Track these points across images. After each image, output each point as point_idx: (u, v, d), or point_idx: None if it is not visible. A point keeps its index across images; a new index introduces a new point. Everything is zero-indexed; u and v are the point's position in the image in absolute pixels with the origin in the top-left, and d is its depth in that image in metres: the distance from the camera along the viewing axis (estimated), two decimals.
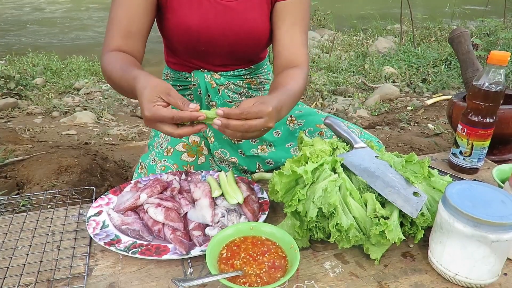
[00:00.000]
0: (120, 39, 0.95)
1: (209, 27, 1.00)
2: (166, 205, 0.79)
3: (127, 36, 0.95)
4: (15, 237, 0.78)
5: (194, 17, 0.99)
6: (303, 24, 1.04)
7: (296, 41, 1.02)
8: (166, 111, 0.72)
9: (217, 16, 1.00)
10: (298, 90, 0.92)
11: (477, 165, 1.03)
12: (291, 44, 1.02)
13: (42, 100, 3.51)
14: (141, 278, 0.67)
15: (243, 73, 1.16)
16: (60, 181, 1.73)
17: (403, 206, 0.69)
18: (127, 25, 0.95)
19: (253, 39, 1.05)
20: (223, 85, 1.14)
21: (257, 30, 1.04)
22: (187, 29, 1.00)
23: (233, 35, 1.02)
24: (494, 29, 4.78)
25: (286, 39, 1.02)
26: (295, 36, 1.02)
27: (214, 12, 1.00)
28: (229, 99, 1.16)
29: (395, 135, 2.56)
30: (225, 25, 1.01)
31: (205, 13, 0.99)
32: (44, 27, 7.78)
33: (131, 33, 0.95)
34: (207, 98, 1.14)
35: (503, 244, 0.60)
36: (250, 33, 1.03)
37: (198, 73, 1.12)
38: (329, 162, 0.77)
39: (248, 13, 1.02)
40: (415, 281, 0.67)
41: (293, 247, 0.65)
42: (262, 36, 1.05)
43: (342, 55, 4.95)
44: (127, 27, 0.95)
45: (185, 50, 1.08)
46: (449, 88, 3.60)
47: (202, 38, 1.01)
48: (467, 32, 1.32)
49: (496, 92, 0.93)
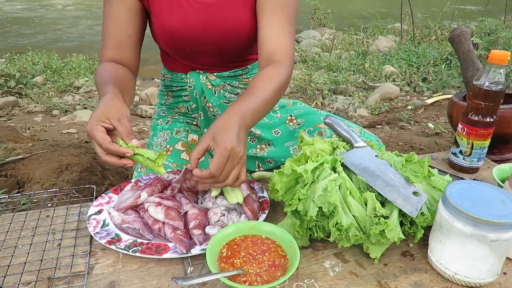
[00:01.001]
0: (112, 49, 0.97)
1: (190, 27, 0.99)
2: (167, 204, 0.79)
3: (118, 46, 0.97)
4: (16, 236, 0.78)
5: (175, 19, 0.98)
6: (285, 13, 0.95)
7: (276, 31, 0.94)
8: (100, 136, 0.72)
9: (198, 16, 0.98)
10: (272, 92, 0.86)
11: (477, 164, 1.03)
12: (271, 35, 0.94)
13: (42, 98, 3.51)
14: (142, 277, 0.67)
15: (239, 73, 1.15)
16: (61, 180, 1.73)
17: (403, 206, 0.69)
18: (116, 35, 0.96)
19: (237, 35, 1.02)
20: (219, 86, 1.13)
21: (240, 25, 1.00)
22: (169, 32, 1.00)
23: (215, 33, 1.00)
24: (495, 28, 4.77)
25: (266, 30, 0.95)
26: (275, 26, 0.95)
27: (194, 11, 0.98)
28: (225, 99, 1.15)
29: (395, 134, 2.56)
30: (206, 23, 0.99)
31: (185, 13, 0.98)
32: (44, 26, 7.77)
33: (121, 42, 0.97)
34: (203, 99, 1.14)
35: (502, 243, 0.60)
36: (233, 30, 1.00)
37: (193, 75, 1.12)
38: (329, 161, 0.77)
39: (230, 9, 0.98)
40: (414, 280, 0.67)
41: (293, 246, 0.65)
42: (246, 31, 1.01)
43: (343, 54, 4.95)
44: (117, 37, 0.96)
45: (172, 52, 1.08)
46: (449, 87, 3.60)
47: (185, 39, 1.01)
48: (467, 31, 1.32)
49: (496, 91, 0.93)
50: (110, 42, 0.97)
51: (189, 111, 1.19)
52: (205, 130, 1.16)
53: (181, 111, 1.20)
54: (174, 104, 1.20)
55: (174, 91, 1.18)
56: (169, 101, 1.20)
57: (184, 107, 1.19)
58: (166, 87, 1.19)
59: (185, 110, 1.19)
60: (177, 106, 1.20)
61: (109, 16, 0.97)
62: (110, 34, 0.97)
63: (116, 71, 0.93)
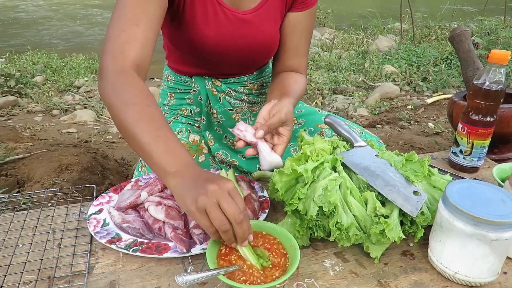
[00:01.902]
0: (138, 47, 0.75)
1: (224, 39, 0.97)
2: (167, 203, 0.79)
3: (144, 45, 0.76)
4: (16, 235, 0.78)
5: (210, 29, 0.95)
6: (309, 34, 1.07)
7: (300, 51, 1.06)
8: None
9: (233, 30, 0.97)
10: (301, 94, 1.00)
11: (477, 164, 1.03)
12: (296, 54, 1.06)
13: (42, 98, 3.51)
14: (142, 276, 0.67)
15: (245, 79, 1.14)
16: (61, 179, 1.73)
17: (403, 205, 0.69)
18: (145, 30, 0.76)
19: (265, 51, 1.06)
20: (223, 92, 1.13)
21: (270, 42, 1.04)
22: (201, 41, 0.96)
23: (247, 47, 1.01)
24: (495, 28, 4.77)
25: (292, 49, 1.05)
26: (301, 46, 1.06)
27: (230, 25, 0.97)
28: (230, 106, 1.15)
29: (395, 134, 2.56)
30: (240, 38, 0.99)
31: (221, 25, 0.96)
32: (44, 25, 7.76)
33: (148, 40, 0.77)
34: (208, 105, 1.13)
35: (503, 243, 0.60)
36: (263, 46, 1.03)
37: (198, 79, 1.11)
38: (329, 160, 0.77)
39: (263, 26, 1.00)
40: (415, 279, 0.67)
41: (293, 246, 0.65)
42: (274, 47, 1.06)
43: (343, 53, 4.95)
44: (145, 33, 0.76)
45: (194, 59, 1.06)
46: (449, 87, 3.60)
47: (215, 50, 0.99)
48: (467, 31, 1.32)
49: (497, 91, 0.93)
50: (137, 37, 0.74)
51: (192, 114, 1.18)
52: (207, 133, 1.16)
53: (184, 114, 1.18)
54: (177, 105, 1.18)
55: (177, 93, 1.17)
56: (172, 102, 1.19)
57: (187, 110, 1.17)
58: (170, 88, 1.18)
59: (188, 113, 1.18)
60: (180, 108, 1.18)
61: (139, 7, 0.76)
62: (138, 27, 0.75)
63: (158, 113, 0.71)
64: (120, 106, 0.68)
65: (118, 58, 0.73)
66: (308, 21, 1.05)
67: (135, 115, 0.67)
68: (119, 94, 0.69)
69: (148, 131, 0.66)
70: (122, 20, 0.76)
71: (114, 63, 0.73)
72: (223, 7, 0.94)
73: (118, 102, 0.69)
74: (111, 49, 0.74)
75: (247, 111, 1.18)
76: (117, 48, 0.73)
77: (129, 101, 0.68)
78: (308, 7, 1.02)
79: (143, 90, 0.71)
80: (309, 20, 1.05)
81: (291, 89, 0.95)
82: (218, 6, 0.94)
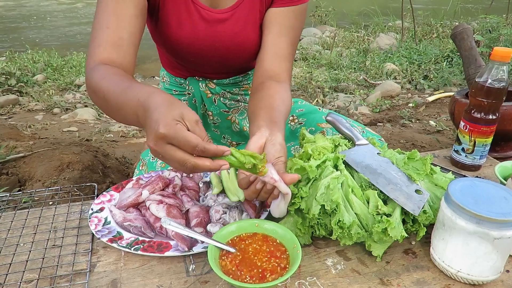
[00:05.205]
0: (110, 47, 0.81)
1: (198, 40, 0.96)
2: (168, 202, 0.79)
3: (117, 44, 0.81)
4: (18, 234, 0.78)
5: (183, 30, 0.95)
6: (292, 35, 0.96)
7: (280, 53, 0.95)
8: (191, 135, 0.57)
9: (207, 30, 0.96)
10: (288, 115, 0.88)
11: (480, 162, 1.03)
12: (274, 56, 0.94)
13: (43, 96, 3.51)
14: (143, 275, 0.67)
15: (240, 79, 1.14)
16: (62, 178, 1.73)
17: (405, 204, 0.69)
18: (116, 31, 0.81)
19: (243, 51, 1.01)
20: (218, 94, 1.12)
21: (248, 41, 0.99)
22: (174, 41, 0.96)
23: (223, 48, 0.99)
24: (497, 25, 4.76)
25: (269, 50, 0.95)
26: (280, 47, 0.95)
27: (204, 25, 0.95)
28: (225, 108, 1.14)
29: (396, 132, 2.55)
30: (215, 38, 0.97)
31: (194, 26, 0.95)
32: (44, 24, 7.76)
33: (121, 39, 0.82)
34: (203, 107, 1.13)
35: (505, 241, 0.60)
36: (240, 45, 0.99)
37: (192, 82, 1.10)
38: (331, 159, 0.76)
39: (240, 26, 0.97)
40: (417, 278, 0.67)
41: (295, 244, 0.65)
42: (252, 47, 1.00)
43: (343, 51, 4.94)
44: (117, 34, 0.81)
45: (174, 59, 1.07)
46: (450, 85, 3.59)
47: (190, 50, 0.98)
48: (469, 28, 1.32)
49: (499, 88, 0.93)
50: (107, 38, 0.81)
51: None
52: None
53: None
54: None
55: (173, 94, 1.17)
56: None
57: None
58: (166, 90, 1.19)
59: None
60: None
61: (109, 10, 0.82)
62: (109, 29, 0.81)
63: (128, 75, 0.78)
64: (94, 87, 0.75)
65: (90, 63, 0.81)
66: (290, 20, 0.95)
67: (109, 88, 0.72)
68: (91, 80, 0.77)
69: (117, 86, 0.72)
70: (96, 26, 0.83)
71: (88, 66, 0.81)
72: (197, 5, 0.93)
73: (92, 85, 0.76)
74: (88, 57, 0.83)
75: (243, 110, 1.18)
76: (91, 55, 0.82)
77: (100, 78, 0.75)
78: (289, 3, 0.94)
79: (109, 68, 0.77)
80: (292, 20, 0.95)
81: (280, 114, 0.83)
82: (192, 4, 0.93)
